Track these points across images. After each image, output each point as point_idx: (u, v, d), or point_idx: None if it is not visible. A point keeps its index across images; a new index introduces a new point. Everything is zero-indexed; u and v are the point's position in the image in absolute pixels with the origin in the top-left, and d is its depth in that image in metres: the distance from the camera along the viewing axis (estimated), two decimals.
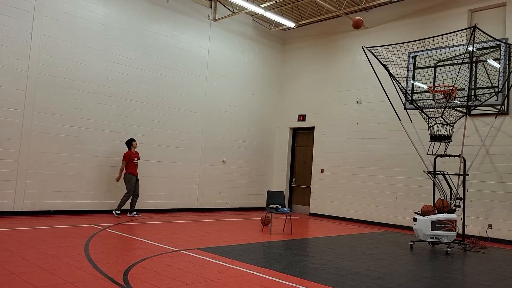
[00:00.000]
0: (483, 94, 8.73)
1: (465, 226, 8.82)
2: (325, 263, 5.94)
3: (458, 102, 8.77)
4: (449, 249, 7.59)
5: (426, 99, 9.09)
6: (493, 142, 9.52)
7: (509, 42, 8.70)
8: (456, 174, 8.37)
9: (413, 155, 10.58)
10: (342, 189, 12.23)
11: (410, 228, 10.33)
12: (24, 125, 8.93)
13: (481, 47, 8.67)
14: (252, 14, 13.32)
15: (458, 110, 8.66)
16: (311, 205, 13.02)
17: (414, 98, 9.32)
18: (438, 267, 6.26)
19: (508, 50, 8.43)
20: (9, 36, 8.76)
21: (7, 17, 8.73)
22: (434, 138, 8.31)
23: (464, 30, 9.13)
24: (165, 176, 11.28)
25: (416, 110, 9.01)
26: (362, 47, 8.77)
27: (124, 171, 9.88)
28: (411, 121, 10.11)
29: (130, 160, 9.88)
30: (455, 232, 7.73)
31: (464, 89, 8.55)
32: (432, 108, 8.52)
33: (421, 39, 8.55)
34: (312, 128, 13.41)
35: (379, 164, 11.45)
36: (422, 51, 9.47)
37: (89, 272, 4.65)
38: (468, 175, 9.08)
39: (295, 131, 14.15)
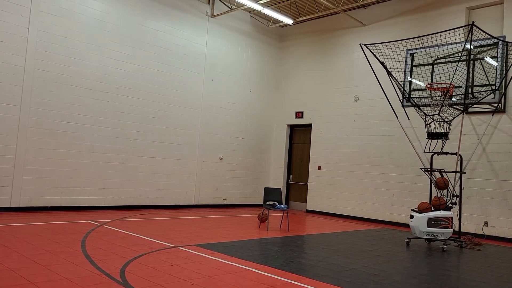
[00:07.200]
0: (480, 92, 8.75)
1: (461, 224, 8.86)
2: (321, 260, 5.96)
3: (455, 99, 8.79)
4: (445, 246, 7.63)
5: (423, 97, 9.10)
6: (490, 140, 9.55)
7: (506, 40, 8.71)
8: (452, 172, 8.40)
9: (410, 152, 10.61)
10: (339, 186, 12.25)
11: (406, 225, 10.38)
12: (20, 121, 8.90)
13: (478, 45, 8.68)
14: (250, 11, 13.29)
15: (455, 108, 8.68)
16: (308, 202, 13.05)
17: (411, 96, 9.34)
18: (434, 264, 6.29)
19: (505, 48, 8.44)
20: (6, 31, 8.72)
21: (3, 12, 8.69)
22: (431, 135, 8.33)
23: (462, 28, 9.15)
24: (162, 172, 11.27)
25: (413, 107, 9.02)
26: (360, 44, 8.77)
27: None
28: (408, 119, 10.13)
29: None
30: (451, 229, 7.76)
31: (461, 86, 8.56)
32: (429, 105, 8.54)
33: (419, 37, 8.55)
34: (310, 125, 13.41)
35: (376, 161, 11.47)
36: (420, 48, 9.47)
37: (86, 268, 4.65)
38: (464, 172, 9.11)
39: (292, 128, 14.16)
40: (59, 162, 9.43)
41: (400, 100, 9.43)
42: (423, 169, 8.53)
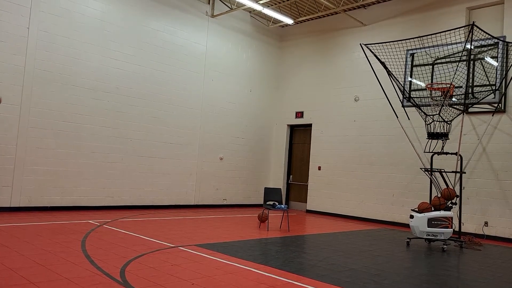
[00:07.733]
0: (480, 92, 8.76)
1: (461, 224, 8.86)
2: (321, 260, 5.96)
3: (456, 99, 8.79)
4: (445, 246, 7.63)
5: (423, 97, 9.11)
6: (490, 140, 9.55)
7: (506, 40, 8.71)
8: (452, 172, 8.40)
9: (410, 152, 10.61)
10: (339, 186, 12.25)
11: (406, 225, 10.38)
12: (21, 121, 8.90)
13: (478, 45, 8.69)
14: (250, 11, 13.29)
15: (455, 108, 8.69)
16: (308, 202, 13.04)
17: (411, 96, 9.34)
18: (434, 264, 6.29)
19: (505, 48, 8.44)
20: (6, 31, 8.71)
21: (4, 12, 8.68)
22: (431, 135, 8.33)
23: (462, 28, 9.15)
24: (162, 172, 11.27)
25: (414, 107, 9.02)
26: (360, 44, 8.78)
27: None
28: (409, 119, 10.14)
29: None
30: (452, 229, 7.76)
31: (461, 86, 8.57)
32: (429, 105, 8.54)
33: (419, 37, 8.55)
34: (310, 125, 13.41)
35: (376, 161, 11.47)
36: (420, 48, 9.48)
37: (86, 268, 4.65)
38: (464, 172, 9.11)
39: (292, 128, 14.16)
40: (59, 162, 9.43)
41: (400, 100, 9.44)
42: (423, 169, 8.53)
